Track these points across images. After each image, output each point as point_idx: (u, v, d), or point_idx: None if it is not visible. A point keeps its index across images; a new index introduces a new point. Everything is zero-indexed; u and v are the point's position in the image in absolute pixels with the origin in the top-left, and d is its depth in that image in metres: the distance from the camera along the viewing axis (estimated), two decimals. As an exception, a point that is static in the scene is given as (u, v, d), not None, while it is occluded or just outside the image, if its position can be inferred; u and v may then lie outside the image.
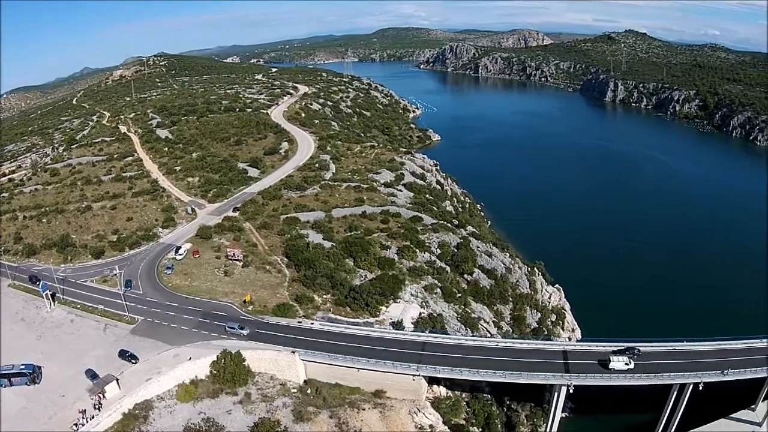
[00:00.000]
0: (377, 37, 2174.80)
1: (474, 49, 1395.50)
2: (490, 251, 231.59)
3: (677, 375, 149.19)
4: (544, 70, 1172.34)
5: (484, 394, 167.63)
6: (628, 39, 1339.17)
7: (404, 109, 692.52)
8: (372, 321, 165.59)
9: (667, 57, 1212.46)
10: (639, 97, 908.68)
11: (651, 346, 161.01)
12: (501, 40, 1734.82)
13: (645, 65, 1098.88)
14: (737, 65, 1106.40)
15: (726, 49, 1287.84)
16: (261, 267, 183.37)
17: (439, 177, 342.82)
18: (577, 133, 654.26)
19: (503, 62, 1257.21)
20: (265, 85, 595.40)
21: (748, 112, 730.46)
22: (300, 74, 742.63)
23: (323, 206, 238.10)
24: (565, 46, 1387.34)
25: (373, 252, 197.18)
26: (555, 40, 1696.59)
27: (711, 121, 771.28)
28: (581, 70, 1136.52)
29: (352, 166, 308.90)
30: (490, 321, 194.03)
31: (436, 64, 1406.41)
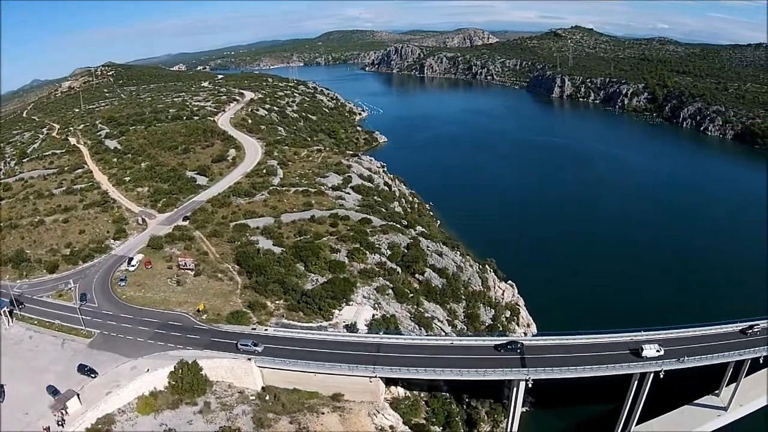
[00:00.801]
0: (322, 40, 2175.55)
1: (419, 49, 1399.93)
2: (440, 250, 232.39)
3: (635, 365, 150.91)
4: (490, 68, 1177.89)
5: (442, 392, 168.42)
6: (574, 35, 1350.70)
7: (350, 111, 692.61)
8: (326, 325, 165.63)
9: (614, 52, 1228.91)
10: (587, 92, 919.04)
11: (610, 337, 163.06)
12: (446, 40, 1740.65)
13: (592, 60, 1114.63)
14: (686, 57, 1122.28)
15: (675, 42, 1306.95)
16: (213, 275, 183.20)
17: (386, 178, 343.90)
18: (525, 129, 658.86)
19: (449, 62, 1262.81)
20: (211, 92, 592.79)
21: (698, 103, 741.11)
22: (246, 80, 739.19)
23: (272, 212, 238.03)
24: (511, 44, 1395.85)
25: (323, 256, 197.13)
26: (501, 38, 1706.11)
27: (660, 113, 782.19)
28: (528, 67, 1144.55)
29: (299, 170, 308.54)
30: (443, 320, 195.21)
31: (381, 66, 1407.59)
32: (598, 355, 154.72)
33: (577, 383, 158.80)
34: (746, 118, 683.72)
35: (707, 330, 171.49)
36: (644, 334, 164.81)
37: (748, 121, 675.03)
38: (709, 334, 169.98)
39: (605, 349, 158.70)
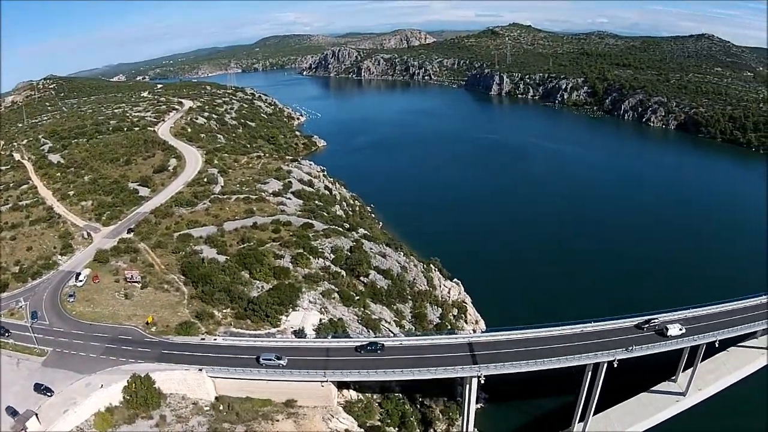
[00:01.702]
0: (260, 46, 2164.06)
1: (356, 52, 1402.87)
2: (384, 252, 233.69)
3: (588, 356, 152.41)
4: (428, 68, 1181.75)
5: (395, 393, 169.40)
6: (512, 32, 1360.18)
7: (288, 117, 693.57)
8: (274, 331, 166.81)
9: (553, 47, 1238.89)
10: (525, 89, 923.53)
11: (561, 330, 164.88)
12: (383, 42, 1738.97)
13: (531, 57, 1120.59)
14: (627, 50, 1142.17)
15: (615, 35, 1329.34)
16: (159, 287, 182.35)
17: (326, 182, 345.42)
18: (464, 128, 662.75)
19: (386, 63, 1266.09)
20: (151, 102, 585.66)
21: (640, 95, 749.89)
22: (185, 89, 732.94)
23: (215, 220, 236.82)
24: (448, 44, 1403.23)
25: (267, 262, 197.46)
26: (438, 38, 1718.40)
27: (601, 106, 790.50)
28: (465, 66, 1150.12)
29: (240, 177, 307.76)
30: (391, 321, 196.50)
31: (318, 70, 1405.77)
32: (549, 348, 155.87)
33: (531, 377, 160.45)
34: (689, 108, 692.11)
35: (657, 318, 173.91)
36: (593, 324, 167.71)
37: (692, 110, 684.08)
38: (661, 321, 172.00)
39: (556, 341, 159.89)
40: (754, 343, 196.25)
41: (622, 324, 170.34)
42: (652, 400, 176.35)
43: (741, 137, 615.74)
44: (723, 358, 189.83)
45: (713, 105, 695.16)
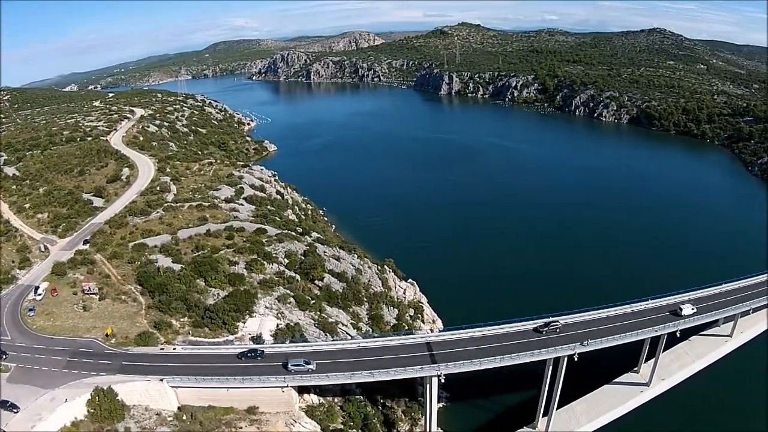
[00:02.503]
0: (209, 52, 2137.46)
1: (305, 55, 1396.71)
2: (337, 255, 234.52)
3: (547, 351, 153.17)
4: (377, 70, 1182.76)
5: (356, 396, 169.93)
6: (461, 32, 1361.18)
7: (239, 122, 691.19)
8: (232, 338, 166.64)
9: (503, 46, 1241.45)
10: (475, 88, 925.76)
11: (519, 326, 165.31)
12: (332, 45, 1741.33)
13: (480, 56, 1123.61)
14: (577, 47, 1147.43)
15: (565, 32, 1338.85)
16: (117, 298, 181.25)
17: (278, 187, 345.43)
18: (413, 128, 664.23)
19: (335, 66, 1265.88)
20: (103, 111, 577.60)
21: (591, 90, 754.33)
22: (136, 97, 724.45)
23: (168, 229, 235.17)
24: (397, 45, 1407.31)
25: (222, 269, 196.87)
26: (386, 39, 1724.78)
27: (552, 103, 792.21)
28: (414, 66, 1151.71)
29: (192, 185, 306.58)
30: (348, 323, 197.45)
31: (268, 74, 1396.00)
32: (508, 344, 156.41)
33: (493, 374, 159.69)
34: (641, 102, 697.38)
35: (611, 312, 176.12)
36: (554, 318, 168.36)
37: (644, 104, 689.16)
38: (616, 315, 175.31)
39: (514, 338, 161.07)
40: (716, 332, 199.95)
41: (582, 318, 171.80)
42: (615, 391, 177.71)
43: (695, 129, 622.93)
44: (685, 348, 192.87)
45: (666, 98, 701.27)
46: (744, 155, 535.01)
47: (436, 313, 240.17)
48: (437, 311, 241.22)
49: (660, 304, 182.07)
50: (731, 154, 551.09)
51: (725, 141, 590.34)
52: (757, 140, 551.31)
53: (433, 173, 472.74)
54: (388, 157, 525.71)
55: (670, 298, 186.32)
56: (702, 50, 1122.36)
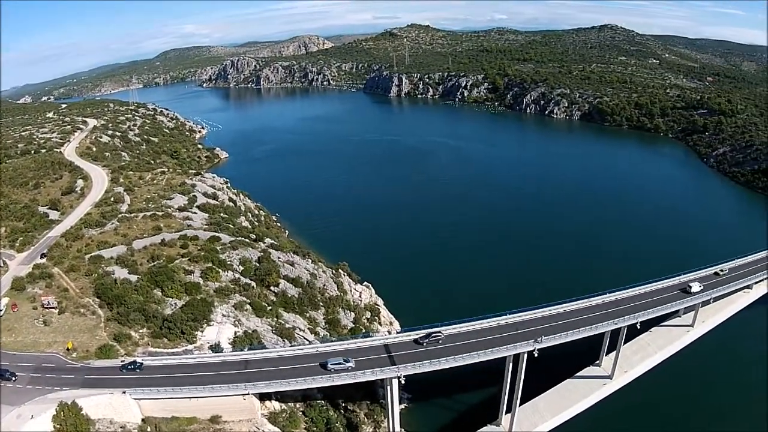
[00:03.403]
0: (160, 60, 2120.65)
1: (255, 61, 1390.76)
2: (292, 260, 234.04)
3: (506, 348, 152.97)
4: (326, 73, 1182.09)
5: (317, 401, 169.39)
6: (410, 33, 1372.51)
7: (190, 130, 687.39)
8: (191, 348, 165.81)
9: (452, 46, 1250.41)
10: (425, 89, 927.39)
11: (477, 325, 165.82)
12: (282, 49, 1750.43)
13: (430, 57, 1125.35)
14: (527, 45, 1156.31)
15: (515, 31, 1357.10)
16: (76, 311, 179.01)
17: (230, 194, 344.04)
18: (364, 131, 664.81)
19: (284, 71, 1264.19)
20: (56, 122, 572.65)
21: (542, 88, 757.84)
22: (88, 107, 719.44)
23: (124, 240, 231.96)
24: (346, 48, 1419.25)
25: (178, 279, 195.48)
26: (336, 42, 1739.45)
27: (502, 101, 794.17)
28: (364, 69, 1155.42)
29: (145, 195, 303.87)
30: (305, 329, 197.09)
31: (218, 81, 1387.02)
32: (467, 343, 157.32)
33: (454, 373, 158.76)
34: (593, 98, 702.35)
35: (574, 305, 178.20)
36: (511, 316, 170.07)
37: (596, 100, 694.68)
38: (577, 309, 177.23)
39: (473, 336, 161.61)
40: (677, 322, 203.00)
41: (539, 314, 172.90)
42: (578, 385, 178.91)
43: (648, 123, 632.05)
44: (647, 339, 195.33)
45: (618, 93, 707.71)
46: (699, 147, 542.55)
47: (393, 314, 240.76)
48: (394, 313, 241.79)
49: (620, 297, 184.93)
50: (686, 146, 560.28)
51: (679, 134, 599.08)
52: (712, 132, 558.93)
53: (383, 175, 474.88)
54: (338, 161, 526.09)
55: (631, 290, 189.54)
56: (654, 45, 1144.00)
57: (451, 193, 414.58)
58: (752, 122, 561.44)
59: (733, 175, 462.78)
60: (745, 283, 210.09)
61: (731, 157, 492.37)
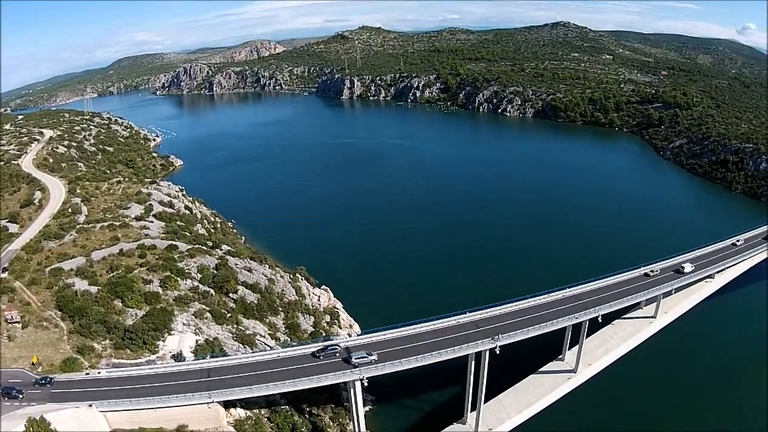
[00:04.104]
0: (114, 68, 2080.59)
1: (207, 67, 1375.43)
2: (249, 266, 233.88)
3: (468, 346, 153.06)
4: (278, 78, 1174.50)
5: (282, 406, 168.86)
6: (361, 35, 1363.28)
7: (145, 138, 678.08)
8: (153, 358, 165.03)
9: (404, 47, 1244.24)
10: (377, 90, 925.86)
11: (437, 324, 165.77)
12: (234, 55, 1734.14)
13: (381, 58, 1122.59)
14: (479, 44, 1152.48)
15: (466, 30, 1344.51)
16: (39, 325, 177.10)
17: (186, 202, 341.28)
18: (317, 135, 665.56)
19: (237, 76, 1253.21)
20: (13, 134, 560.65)
21: (494, 86, 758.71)
22: (44, 118, 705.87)
23: (83, 251, 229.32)
24: (298, 52, 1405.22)
25: (137, 288, 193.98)
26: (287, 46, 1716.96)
27: (455, 101, 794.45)
28: (316, 72, 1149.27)
29: (103, 205, 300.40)
30: (265, 334, 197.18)
31: (171, 88, 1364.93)
32: (428, 343, 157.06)
33: (418, 372, 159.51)
34: (546, 95, 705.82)
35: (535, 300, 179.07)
36: (471, 314, 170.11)
37: (549, 97, 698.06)
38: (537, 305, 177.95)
39: (435, 335, 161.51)
40: (640, 314, 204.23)
41: (500, 311, 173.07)
42: (542, 380, 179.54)
43: (603, 118, 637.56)
44: (609, 332, 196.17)
45: (571, 90, 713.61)
46: (655, 141, 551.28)
47: (352, 317, 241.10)
48: (353, 316, 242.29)
49: (580, 291, 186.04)
50: (641, 140, 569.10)
51: (634, 128, 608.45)
52: (667, 125, 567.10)
53: (338, 179, 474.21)
54: (292, 166, 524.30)
55: (591, 284, 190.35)
56: (608, 41, 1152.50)
57: (406, 194, 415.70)
58: (709, 114, 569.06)
59: (690, 167, 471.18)
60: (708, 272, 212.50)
61: (688, 149, 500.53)
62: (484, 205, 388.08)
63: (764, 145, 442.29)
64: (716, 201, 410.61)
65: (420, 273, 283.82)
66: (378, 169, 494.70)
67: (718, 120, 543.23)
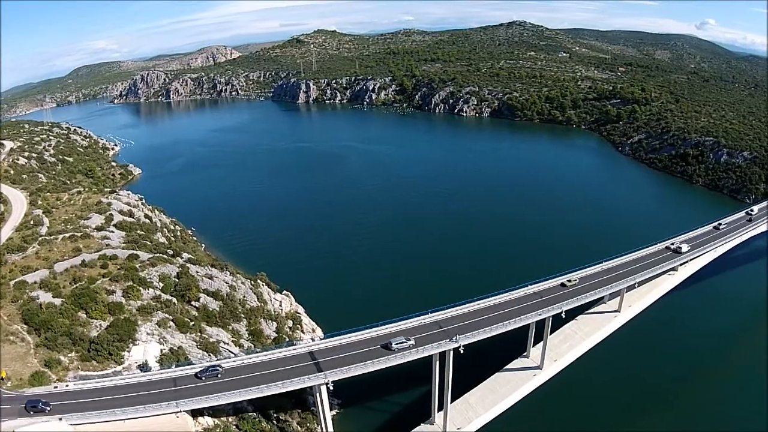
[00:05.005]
0: (72, 77, 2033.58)
1: (164, 74, 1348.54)
2: (210, 273, 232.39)
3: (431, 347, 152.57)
4: (234, 83, 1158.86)
5: (249, 413, 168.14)
6: (317, 39, 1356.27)
7: (103, 147, 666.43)
8: (120, 369, 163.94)
9: (359, 50, 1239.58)
10: (333, 94, 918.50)
11: (399, 326, 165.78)
12: (190, 61, 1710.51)
13: (337, 62, 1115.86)
14: (434, 45, 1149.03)
15: (422, 31, 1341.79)
16: (6, 339, 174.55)
17: (146, 210, 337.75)
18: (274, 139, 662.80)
19: (193, 83, 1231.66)
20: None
21: (450, 87, 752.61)
22: (5, 129, 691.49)
23: (46, 263, 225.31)
24: (254, 57, 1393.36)
25: (101, 299, 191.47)
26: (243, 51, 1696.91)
27: (411, 103, 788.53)
28: (271, 77, 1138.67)
29: (64, 216, 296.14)
30: (229, 342, 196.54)
31: (129, 96, 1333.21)
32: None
33: (383, 374, 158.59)
34: (503, 94, 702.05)
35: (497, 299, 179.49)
36: (433, 315, 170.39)
37: (505, 96, 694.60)
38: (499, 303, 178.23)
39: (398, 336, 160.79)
40: (604, 308, 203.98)
41: (462, 310, 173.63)
42: (509, 378, 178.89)
43: (560, 116, 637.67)
44: (573, 327, 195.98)
45: (528, 88, 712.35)
46: (613, 137, 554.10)
47: (315, 322, 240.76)
48: (316, 320, 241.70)
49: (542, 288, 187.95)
50: (599, 137, 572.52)
51: (592, 125, 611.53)
52: (626, 121, 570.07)
53: (296, 183, 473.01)
54: (251, 171, 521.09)
55: (552, 280, 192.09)
56: (564, 39, 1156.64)
57: (365, 196, 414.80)
58: (668, 109, 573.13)
59: (650, 162, 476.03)
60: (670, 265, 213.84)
61: (647, 144, 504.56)
62: (443, 205, 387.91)
63: (725, 138, 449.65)
64: (678, 194, 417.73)
65: (381, 275, 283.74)
66: (335, 173, 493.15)
67: (677, 114, 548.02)
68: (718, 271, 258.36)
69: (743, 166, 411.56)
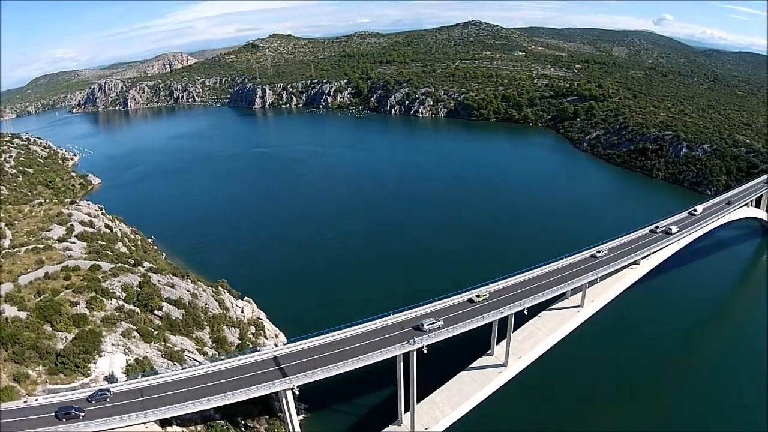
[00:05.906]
0: (31, 87, 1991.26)
1: (122, 82, 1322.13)
2: (171, 282, 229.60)
3: (394, 348, 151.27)
4: (191, 90, 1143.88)
5: (217, 421, 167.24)
6: (272, 44, 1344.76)
7: (63, 158, 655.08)
8: (87, 381, 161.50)
9: (314, 53, 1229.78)
10: (289, 98, 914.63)
11: (362, 328, 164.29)
12: (147, 69, 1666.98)
13: (292, 66, 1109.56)
14: (390, 47, 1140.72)
15: (377, 34, 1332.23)
16: None
17: (106, 220, 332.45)
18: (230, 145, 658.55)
19: (150, 91, 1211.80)
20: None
21: (406, 88, 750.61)
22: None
23: (10, 276, 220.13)
24: (210, 63, 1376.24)
25: (65, 311, 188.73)
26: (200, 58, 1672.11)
27: (367, 105, 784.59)
28: (228, 83, 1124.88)
29: (26, 228, 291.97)
30: (193, 350, 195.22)
31: (87, 105, 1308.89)
32: (356, 347, 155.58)
33: (349, 377, 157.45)
34: (458, 94, 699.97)
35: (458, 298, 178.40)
36: (395, 316, 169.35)
37: (461, 96, 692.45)
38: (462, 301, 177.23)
39: (362, 339, 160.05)
40: (566, 304, 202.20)
41: (423, 310, 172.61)
42: (474, 376, 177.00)
43: (517, 114, 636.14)
44: (537, 324, 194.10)
45: (484, 88, 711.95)
46: (570, 134, 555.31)
47: (277, 327, 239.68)
48: (278, 325, 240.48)
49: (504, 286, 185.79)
50: (557, 134, 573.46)
51: (549, 122, 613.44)
52: (583, 118, 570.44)
53: (253, 189, 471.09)
54: (209, 178, 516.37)
55: (513, 278, 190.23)
56: (520, 38, 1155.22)
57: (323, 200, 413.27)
58: (625, 105, 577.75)
59: (609, 158, 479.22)
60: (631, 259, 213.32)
61: (605, 140, 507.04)
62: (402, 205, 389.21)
63: (684, 132, 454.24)
64: (639, 189, 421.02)
65: (342, 277, 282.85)
66: (293, 177, 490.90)
67: (635, 110, 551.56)
68: (678, 265, 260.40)
69: (703, 158, 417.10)
